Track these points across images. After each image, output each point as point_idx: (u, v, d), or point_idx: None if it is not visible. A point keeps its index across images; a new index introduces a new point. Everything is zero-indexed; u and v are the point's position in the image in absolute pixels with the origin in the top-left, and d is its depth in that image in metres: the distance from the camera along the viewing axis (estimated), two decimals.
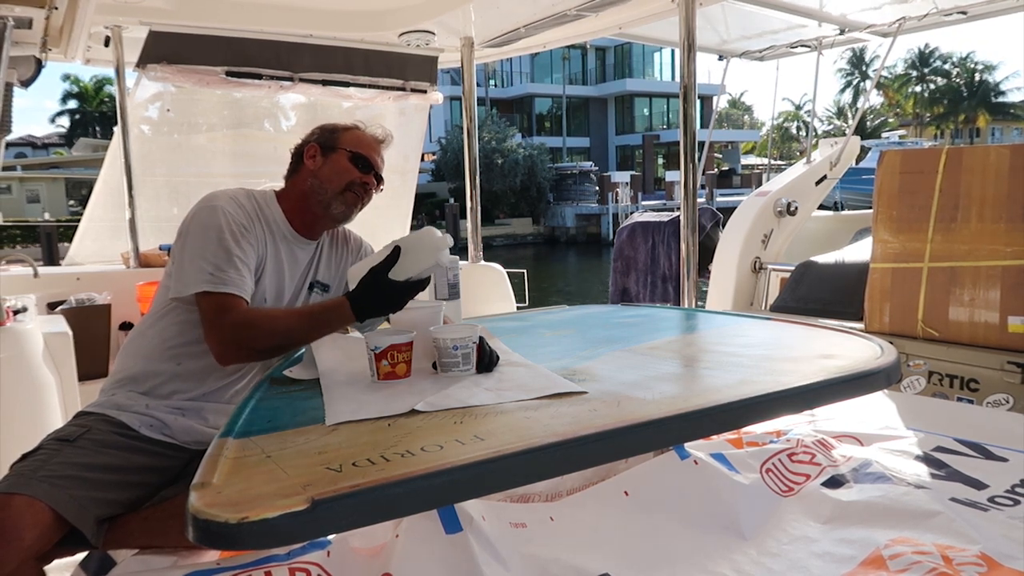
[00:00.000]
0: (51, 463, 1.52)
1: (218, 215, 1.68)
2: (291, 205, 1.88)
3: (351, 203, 1.89)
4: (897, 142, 32.24)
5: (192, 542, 1.33)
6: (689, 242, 3.24)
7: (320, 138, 1.92)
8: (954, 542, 1.43)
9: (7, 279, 3.53)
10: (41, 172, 30.60)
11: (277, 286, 1.83)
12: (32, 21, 2.59)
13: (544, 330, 2.21)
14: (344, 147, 1.88)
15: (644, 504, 1.59)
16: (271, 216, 1.84)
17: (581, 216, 32.65)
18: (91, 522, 1.47)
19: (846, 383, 1.48)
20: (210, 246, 1.64)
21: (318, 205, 1.86)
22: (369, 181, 1.90)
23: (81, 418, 1.70)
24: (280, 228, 1.85)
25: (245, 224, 1.72)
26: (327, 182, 1.86)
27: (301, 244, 1.90)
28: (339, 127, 1.94)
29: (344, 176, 1.86)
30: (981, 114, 48.71)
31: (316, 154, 1.89)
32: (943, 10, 4.13)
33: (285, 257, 1.85)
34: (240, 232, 1.69)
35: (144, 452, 1.66)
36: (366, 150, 1.91)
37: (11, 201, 28.55)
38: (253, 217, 1.77)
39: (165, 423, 1.71)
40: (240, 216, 1.72)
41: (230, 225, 1.68)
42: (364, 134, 1.94)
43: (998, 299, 2.97)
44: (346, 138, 1.91)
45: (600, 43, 38.96)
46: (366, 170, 1.89)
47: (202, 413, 1.75)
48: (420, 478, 1.00)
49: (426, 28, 4.08)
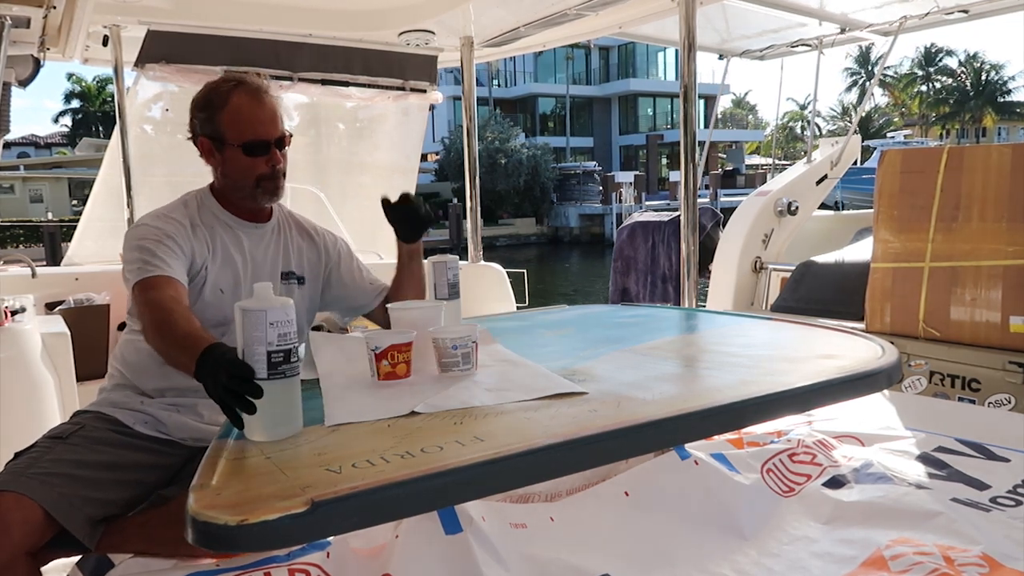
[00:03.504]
0: (43, 460, 1.51)
1: (141, 230, 1.69)
2: (221, 196, 1.84)
3: (271, 190, 1.80)
4: (902, 142, 32.22)
5: (188, 551, 1.32)
6: (689, 242, 3.23)
7: (204, 127, 1.78)
8: (955, 543, 1.43)
9: (5, 279, 3.52)
10: (44, 172, 30.60)
11: (233, 275, 1.79)
12: (30, 20, 2.60)
13: (544, 330, 2.21)
14: (232, 140, 1.74)
15: (644, 504, 1.59)
16: (209, 211, 1.82)
17: (585, 216, 32.63)
18: (81, 521, 1.45)
19: (847, 383, 1.48)
20: (134, 252, 1.65)
21: (241, 199, 1.82)
22: (275, 160, 1.77)
23: (76, 417, 1.70)
24: (221, 218, 1.82)
25: (172, 231, 1.69)
26: (237, 180, 1.79)
27: (248, 228, 1.85)
28: (214, 103, 1.76)
29: (249, 173, 1.77)
30: (987, 113, 48.56)
31: (211, 150, 1.78)
32: (944, 9, 4.12)
33: (234, 245, 1.81)
34: (164, 236, 1.67)
35: (140, 449, 1.66)
36: (255, 131, 1.74)
37: (14, 201, 28.57)
38: (185, 224, 1.74)
39: (160, 420, 1.70)
40: (168, 227, 1.70)
41: (155, 233, 1.67)
42: (243, 103, 1.74)
43: (999, 299, 2.96)
44: (228, 120, 1.74)
45: (604, 42, 38.89)
46: (265, 152, 1.76)
47: (196, 409, 1.73)
48: (420, 479, 1.00)
49: (426, 27, 4.07)
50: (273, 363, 1.19)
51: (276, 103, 1.80)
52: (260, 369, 1.18)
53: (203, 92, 1.79)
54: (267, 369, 1.19)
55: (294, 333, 1.22)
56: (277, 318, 1.20)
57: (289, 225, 1.95)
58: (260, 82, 1.79)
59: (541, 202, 33.47)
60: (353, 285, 2.02)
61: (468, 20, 4.01)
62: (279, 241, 1.90)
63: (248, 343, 1.20)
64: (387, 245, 4.89)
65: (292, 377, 1.22)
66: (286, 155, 1.82)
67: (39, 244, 20.96)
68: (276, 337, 1.19)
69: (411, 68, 4.45)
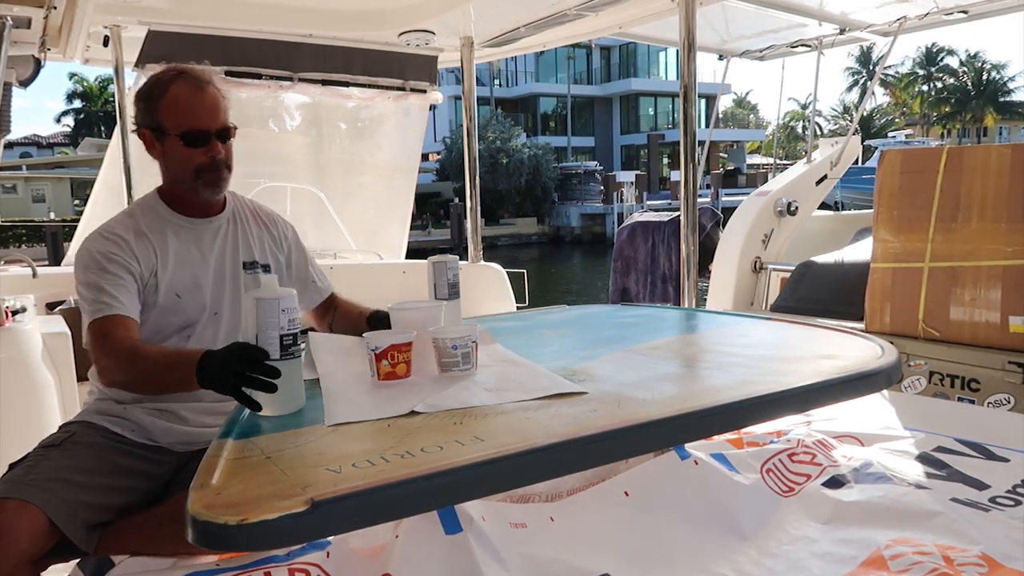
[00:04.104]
0: (39, 467, 1.51)
1: (85, 257, 1.68)
2: (168, 194, 1.81)
3: (211, 181, 1.75)
4: (904, 141, 32.19)
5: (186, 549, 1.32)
6: (689, 242, 3.23)
7: (145, 118, 1.74)
8: (955, 542, 1.43)
9: (6, 279, 3.52)
10: (46, 172, 30.68)
11: (191, 276, 1.75)
12: (31, 21, 2.60)
13: (544, 330, 2.21)
14: (171, 130, 1.70)
15: (644, 504, 1.59)
16: (157, 215, 1.78)
17: (586, 216, 32.65)
18: (79, 526, 1.44)
19: (847, 383, 1.48)
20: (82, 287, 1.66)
21: (184, 192, 1.78)
22: (215, 151, 1.72)
23: (65, 427, 1.69)
24: (172, 221, 1.78)
25: (114, 251, 1.67)
26: (177, 172, 1.75)
27: (200, 224, 1.81)
28: (154, 92, 1.72)
29: (188, 164, 1.72)
30: (989, 113, 48.49)
31: (152, 141, 1.74)
32: (944, 9, 4.12)
33: (187, 245, 1.77)
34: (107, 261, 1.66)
35: (130, 455, 1.65)
36: (194, 120, 1.70)
37: (17, 201, 28.63)
38: (127, 238, 1.70)
39: (145, 426, 1.69)
40: (109, 249, 1.68)
41: (97, 260, 1.66)
42: (182, 93, 1.70)
43: (999, 299, 2.96)
44: (167, 110, 1.70)
45: (605, 42, 38.90)
46: (205, 143, 1.71)
47: (179, 413, 1.72)
48: (420, 479, 1.00)
49: (426, 28, 4.07)
50: (285, 345, 1.33)
51: (218, 94, 1.75)
52: (273, 351, 1.32)
53: (146, 83, 1.77)
54: (280, 351, 1.32)
55: (299, 318, 1.37)
56: (288, 305, 1.34)
57: (245, 214, 1.91)
58: (203, 73, 1.76)
59: (543, 202, 33.48)
60: (299, 277, 1.99)
61: (468, 20, 4.01)
62: (235, 232, 1.86)
63: (263, 328, 1.32)
64: (387, 245, 4.92)
65: (299, 357, 1.36)
66: (230, 148, 1.78)
67: (41, 244, 21.01)
68: (287, 322, 1.33)
69: (411, 68, 4.45)
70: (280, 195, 4.55)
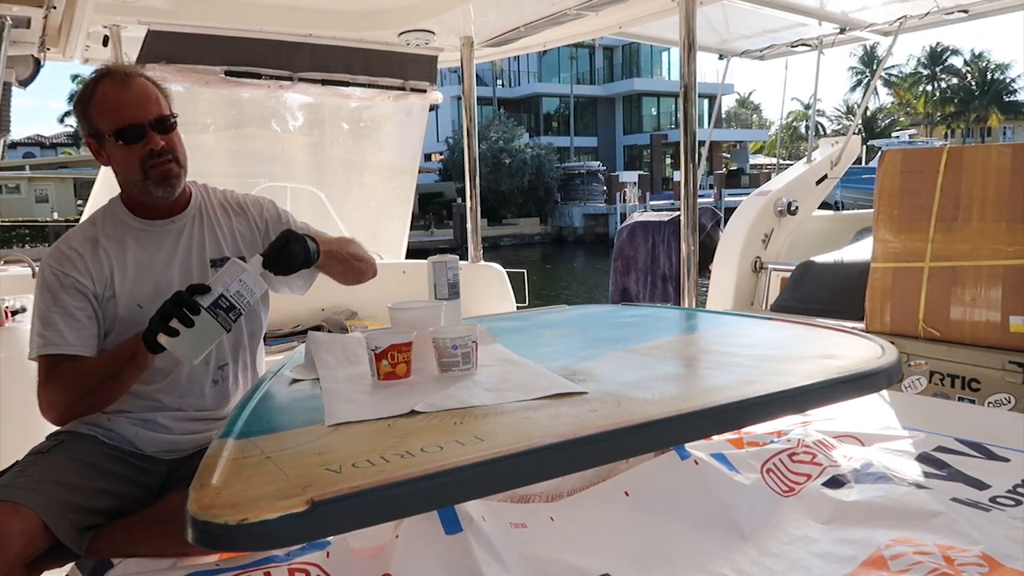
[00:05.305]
0: (29, 471, 1.51)
1: (41, 276, 1.67)
2: (129, 199, 1.75)
3: (160, 178, 1.67)
4: (907, 141, 32.14)
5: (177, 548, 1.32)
6: (689, 242, 3.23)
7: (82, 126, 1.70)
8: (955, 542, 1.42)
9: (5, 279, 3.52)
10: (49, 172, 30.73)
11: (153, 285, 1.69)
12: (30, 20, 2.60)
13: (544, 330, 2.21)
14: (106, 132, 1.65)
15: (644, 504, 1.59)
16: (119, 221, 1.73)
17: (589, 216, 32.61)
18: (70, 527, 1.43)
19: (847, 383, 1.48)
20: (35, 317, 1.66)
21: (139, 194, 1.71)
22: (152, 143, 1.65)
23: (53, 436, 1.69)
24: (133, 225, 1.73)
25: (68, 271, 1.65)
26: (126, 174, 1.69)
27: (161, 227, 1.75)
28: (83, 97, 1.67)
29: (130, 162, 1.65)
30: (992, 113, 48.35)
31: (97, 149, 1.70)
32: (944, 8, 4.12)
33: (148, 250, 1.72)
34: (59, 286, 1.64)
35: (120, 462, 1.65)
36: (124, 116, 1.63)
37: (20, 201, 28.69)
38: (83, 252, 1.67)
39: (129, 437, 1.69)
40: (64, 266, 1.65)
41: (50, 284, 1.64)
42: (107, 91, 1.65)
43: (999, 299, 2.96)
44: (97, 112, 1.65)
45: (608, 42, 38.91)
46: (141, 137, 1.64)
47: (161, 422, 1.71)
48: (420, 479, 1.00)
49: (426, 27, 4.07)
50: (218, 303, 1.45)
51: (147, 85, 1.68)
52: (206, 300, 1.45)
53: (78, 92, 1.75)
54: (211, 302, 1.45)
55: (249, 304, 1.50)
56: (248, 281, 1.48)
57: (211, 208, 1.84)
58: (128, 67, 1.71)
59: (545, 202, 33.47)
60: None
61: (468, 20, 4.02)
62: (202, 228, 1.80)
63: (215, 282, 1.48)
64: (388, 245, 4.92)
65: (220, 327, 1.47)
66: (175, 139, 1.70)
67: (44, 244, 21.06)
68: (234, 292, 1.46)
69: (411, 68, 4.45)
70: (280, 195, 4.54)
